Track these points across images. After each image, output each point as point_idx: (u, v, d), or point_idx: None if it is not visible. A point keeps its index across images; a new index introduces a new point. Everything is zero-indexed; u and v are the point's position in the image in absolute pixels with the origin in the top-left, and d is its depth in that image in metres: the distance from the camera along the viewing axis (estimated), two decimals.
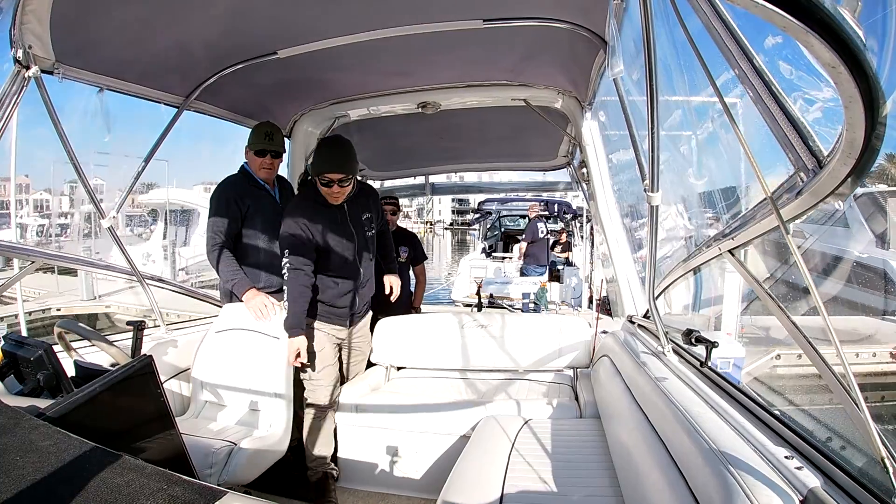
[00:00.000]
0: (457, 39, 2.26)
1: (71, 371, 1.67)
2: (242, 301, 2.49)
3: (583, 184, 3.59)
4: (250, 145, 2.65)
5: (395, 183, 5.31)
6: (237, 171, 2.70)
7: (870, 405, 0.94)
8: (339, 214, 2.47)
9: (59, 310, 8.12)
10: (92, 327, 2.67)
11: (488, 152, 4.64)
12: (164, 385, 1.43)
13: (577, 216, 10.43)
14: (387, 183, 5.29)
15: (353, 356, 2.79)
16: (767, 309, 1.34)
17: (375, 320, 2.98)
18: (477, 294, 5.94)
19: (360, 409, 2.60)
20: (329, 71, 2.64)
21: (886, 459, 0.89)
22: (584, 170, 3.14)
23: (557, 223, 11.59)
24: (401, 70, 2.70)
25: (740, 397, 1.43)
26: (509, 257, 10.10)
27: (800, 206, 1.07)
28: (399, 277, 2.98)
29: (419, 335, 3.02)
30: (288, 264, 2.33)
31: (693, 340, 1.74)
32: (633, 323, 2.48)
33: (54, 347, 1.55)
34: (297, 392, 2.43)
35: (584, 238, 8.03)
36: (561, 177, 5.40)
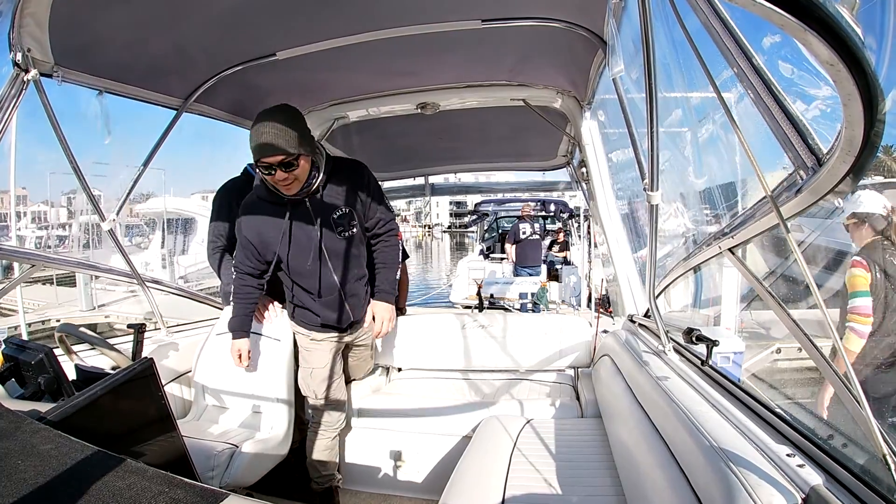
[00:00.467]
0: (455, 40, 2.26)
1: (72, 374, 1.67)
2: None
3: (582, 183, 3.60)
4: None
5: (395, 184, 5.32)
6: (240, 174, 2.66)
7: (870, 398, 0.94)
8: (296, 211, 2.00)
9: (59, 320, 8.13)
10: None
11: (488, 152, 4.65)
12: (165, 388, 1.43)
13: (574, 215, 10.42)
14: (386, 184, 5.30)
15: (352, 360, 2.58)
16: (767, 306, 1.34)
17: None
18: (477, 295, 5.94)
19: (362, 412, 2.60)
20: (328, 72, 2.64)
21: (888, 456, 0.89)
22: (584, 169, 3.14)
23: (555, 223, 11.59)
24: (400, 71, 2.70)
25: (742, 395, 1.43)
26: (506, 258, 10.10)
27: (799, 204, 1.07)
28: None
29: (420, 336, 3.02)
30: (234, 266, 2.17)
31: (694, 339, 1.73)
32: (634, 322, 2.48)
33: (55, 351, 1.55)
34: (299, 394, 2.43)
35: (582, 237, 8.02)
36: (560, 176, 5.40)
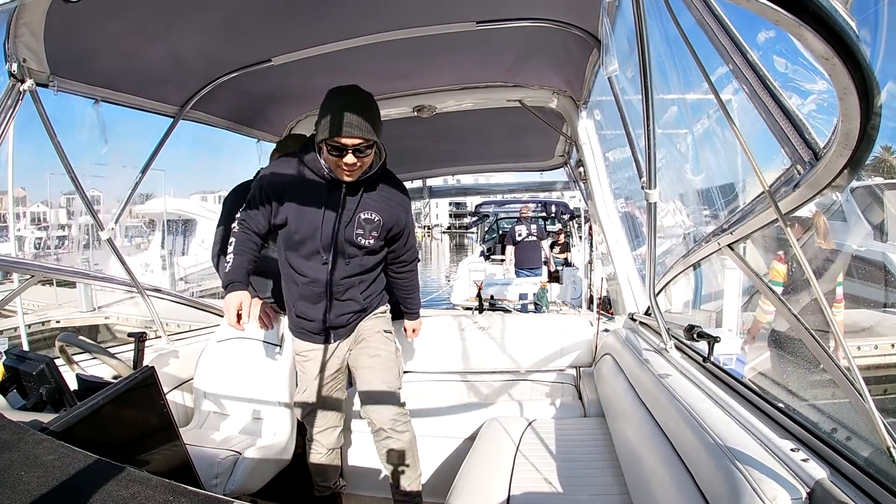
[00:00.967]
0: (450, 42, 2.26)
1: (73, 384, 1.66)
2: None
3: (580, 183, 3.60)
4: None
5: None
6: (252, 178, 2.65)
7: (873, 398, 0.94)
8: (330, 194, 1.84)
9: (59, 322, 8.10)
10: (92, 338, 2.66)
11: (485, 154, 4.65)
12: (167, 396, 1.42)
13: (575, 216, 10.42)
14: None
15: (361, 374, 2.08)
16: (769, 302, 1.34)
17: None
18: (477, 296, 5.94)
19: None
20: (324, 77, 2.64)
21: (893, 448, 0.89)
22: (581, 169, 3.14)
23: (555, 224, 11.59)
24: (395, 74, 2.71)
25: (744, 391, 1.43)
26: (506, 260, 10.08)
27: (798, 199, 1.07)
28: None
29: (420, 339, 3.01)
30: (239, 220, 1.96)
31: (695, 336, 1.73)
32: (635, 320, 2.48)
33: (56, 361, 1.54)
34: None
35: (583, 238, 8.01)
36: (558, 176, 5.40)
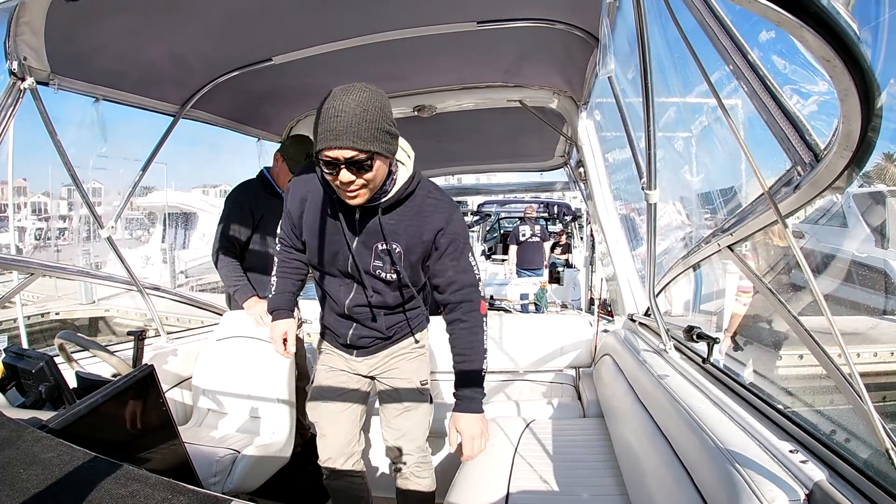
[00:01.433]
0: (451, 42, 2.26)
1: (73, 382, 1.66)
2: (244, 308, 2.48)
3: (580, 183, 3.60)
4: (289, 158, 2.52)
5: None
6: (255, 176, 2.64)
7: (875, 405, 0.94)
8: (346, 219, 1.53)
9: (59, 314, 8.11)
10: (92, 330, 2.66)
11: (485, 154, 4.65)
12: (166, 394, 1.42)
13: (577, 217, 10.40)
14: None
15: (388, 422, 1.87)
16: (769, 304, 1.34)
17: None
18: None
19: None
20: (324, 76, 2.64)
21: (891, 451, 0.89)
22: (581, 169, 3.14)
23: (556, 224, 11.57)
24: (396, 74, 2.71)
25: (743, 392, 1.43)
26: (508, 259, 10.06)
27: (798, 200, 1.07)
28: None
29: None
30: (279, 237, 1.77)
31: (694, 337, 1.74)
32: (634, 321, 2.48)
33: (55, 359, 1.54)
34: (300, 398, 2.43)
35: (584, 239, 8.00)
36: (558, 177, 5.40)
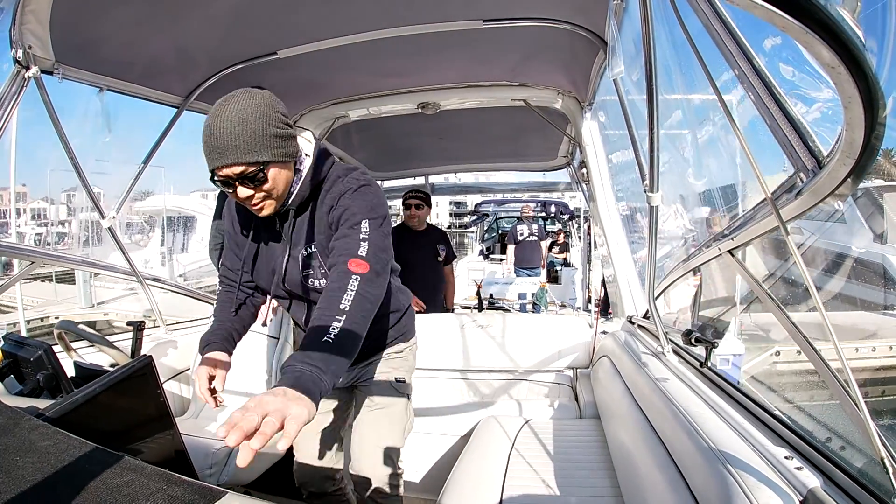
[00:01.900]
0: (457, 39, 2.26)
1: (71, 371, 1.67)
2: None
3: (582, 184, 3.60)
4: None
5: (395, 183, 5.32)
6: None
7: (870, 400, 0.94)
8: (270, 232, 1.41)
9: (58, 318, 8.12)
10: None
11: (488, 152, 4.65)
12: (164, 385, 1.42)
13: (574, 217, 10.40)
14: (386, 183, 5.29)
15: (358, 429, 1.68)
16: (767, 308, 1.34)
17: None
18: (477, 295, 5.94)
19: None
20: (329, 71, 2.64)
21: (886, 459, 0.89)
22: (584, 170, 3.14)
23: (554, 224, 11.57)
24: (401, 70, 2.70)
25: (740, 398, 1.43)
26: (506, 259, 10.06)
27: (799, 207, 1.07)
28: (441, 275, 2.87)
29: (419, 336, 3.01)
30: (221, 270, 1.60)
31: (693, 341, 1.74)
32: (633, 323, 2.48)
33: (54, 348, 1.55)
34: None
35: (582, 238, 8.00)
36: (561, 177, 5.40)
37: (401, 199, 3.72)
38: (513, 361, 2.90)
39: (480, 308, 6.06)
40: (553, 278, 8.64)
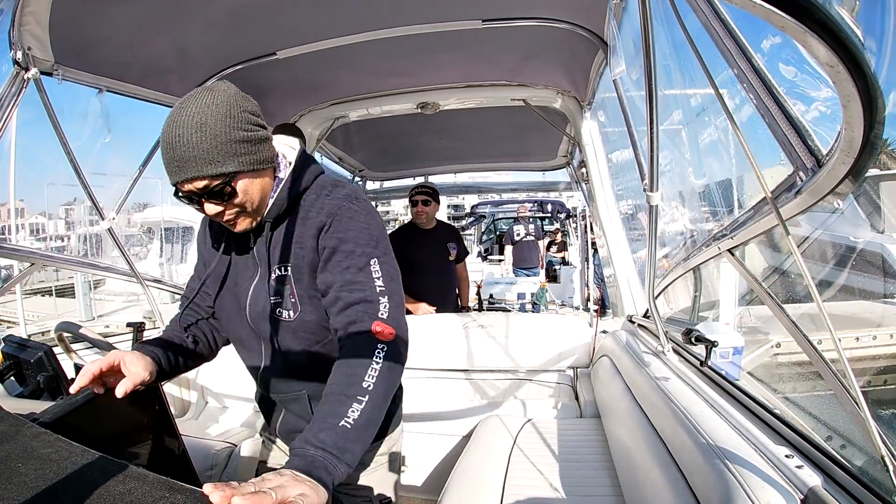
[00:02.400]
0: (456, 39, 2.26)
1: (71, 373, 1.67)
2: None
3: (582, 184, 3.60)
4: None
5: (394, 184, 5.32)
6: None
7: (871, 389, 0.94)
8: (239, 249, 1.21)
9: None
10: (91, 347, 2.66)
11: (488, 152, 4.65)
12: (164, 386, 1.42)
13: (572, 216, 10.39)
14: (386, 183, 5.30)
15: None
16: (768, 308, 1.34)
17: None
18: (477, 295, 5.95)
19: None
20: (328, 71, 2.64)
21: (886, 458, 0.89)
22: (584, 170, 3.14)
23: (552, 223, 11.56)
24: (400, 70, 2.70)
25: (740, 396, 1.43)
26: (504, 259, 10.03)
27: (799, 206, 1.07)
28: (452, 275, 2.86)
29: (419, 336, 3.01)
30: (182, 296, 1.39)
31: (693, 340, 1.74)
32: (633, 323, 2.48)
33: (54, 350, 1.55)
34: None
35: (580, 237, 8.00)
36: (560, 177, 5.40)
37: (401, 200, 3.70)
38: (513, 361, 2.90)
39: (480, 308, 6.07)
40: (552, 277, 8.64)
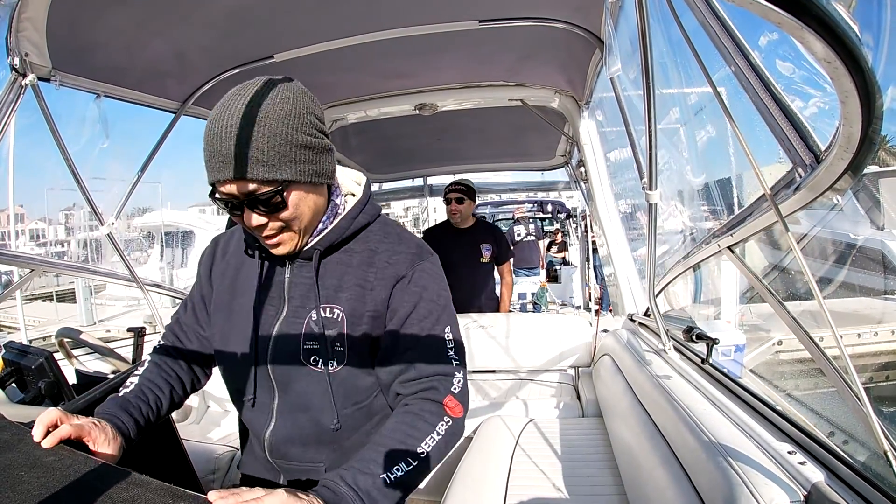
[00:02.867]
0: (453, 40, 2.26)
1: (73, 379, 1.67)
2: None
3: (581, 183, 3.60)
4: None
5: (393, 185, 5.32)
6: None
7: (873, 385, 0.94)
8: (267, 278, 1.01)
9: None
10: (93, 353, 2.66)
11: (487, 153, 4.65)
12: None
13: (571, 215, 10.39)
14: (385, 185, 5.30)
15: None
16: (769, 305, 1.34)
17: None
18: None
19: None
20: (325, 74, 2.64)
21: (889, 453, 0.89)
22: (583, 169, 3.14)
23: (552, 223, 11.56)
24: (397, 72, 2.70)
25: (742, 393, 1.43)
26: None
27: (798, 202, 1.07)
28: (483, 278, 2.84)
29: None
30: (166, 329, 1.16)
31: (694, 338, 1.74)
32: (634, 321, 2.48)
33: (55, 355, 1.55)
34: None
35: (580, 237, 8.00)
36: (560, 176, 5.40)
37: (401, 202, 3.69)
38: (514, 361, 2.90)
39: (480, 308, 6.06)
40: (552, 277, 8.64)
